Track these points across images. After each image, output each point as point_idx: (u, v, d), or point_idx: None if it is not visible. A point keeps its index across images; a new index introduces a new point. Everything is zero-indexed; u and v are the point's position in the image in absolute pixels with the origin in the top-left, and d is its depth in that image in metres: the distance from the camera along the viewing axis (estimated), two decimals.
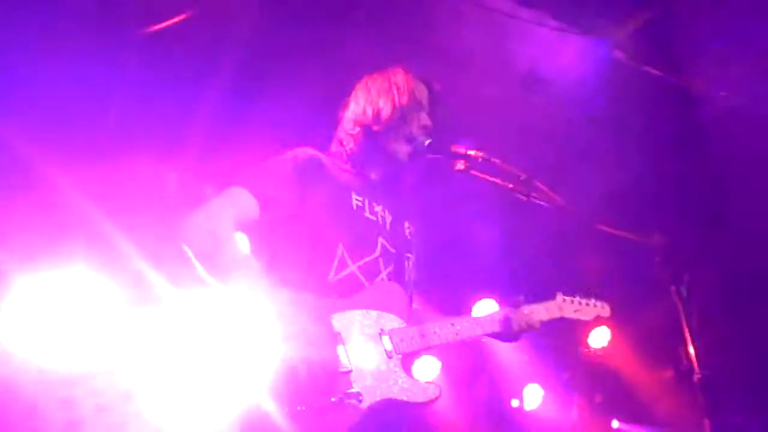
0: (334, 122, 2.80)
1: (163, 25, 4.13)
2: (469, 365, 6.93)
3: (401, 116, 2.63)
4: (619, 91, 4.77)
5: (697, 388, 1.94)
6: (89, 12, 4.00)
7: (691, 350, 1.97)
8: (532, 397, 7.07)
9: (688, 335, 2.00)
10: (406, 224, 2.69)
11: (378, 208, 2.58)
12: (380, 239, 2.50)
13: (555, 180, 2.43)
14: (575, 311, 3.02)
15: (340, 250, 2.37)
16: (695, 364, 1.96)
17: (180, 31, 4.13)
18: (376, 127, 2.60)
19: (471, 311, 6.59)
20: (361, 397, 2.13)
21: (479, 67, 4.62)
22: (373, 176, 2.67)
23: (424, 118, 2.70)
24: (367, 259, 2.42)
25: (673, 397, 6.91)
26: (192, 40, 4.22)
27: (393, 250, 2.53)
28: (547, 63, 4.62)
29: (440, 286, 6.21)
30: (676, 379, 6.96)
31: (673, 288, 2.07)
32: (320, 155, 2.57)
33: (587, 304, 3.07)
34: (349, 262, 2.37)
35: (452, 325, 2.56)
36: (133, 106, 4.39)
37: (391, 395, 2.22)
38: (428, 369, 6.51)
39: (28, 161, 4.38)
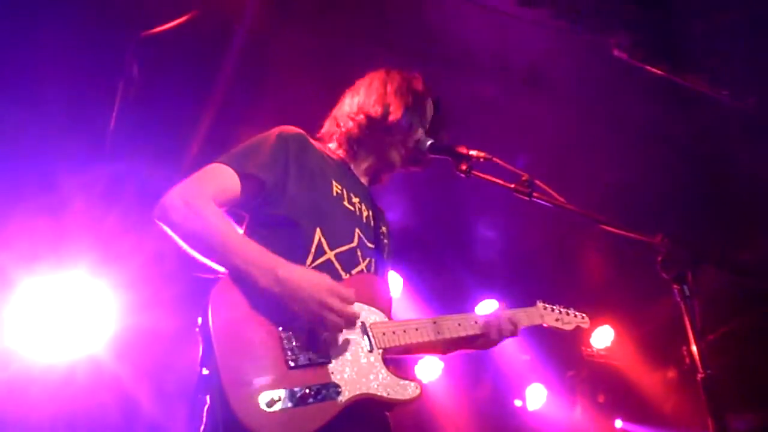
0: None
1: (165, 27, 4.14)
2: (472, 365, 6.93)
3: (407, 125, 2.60)
4: (621, 90, 4.77)
5: (700, 388, 1.93)
6: (90, 14, 4.01)
7: (694, 350, 1.96)
8: (536, 396, 7.07)
9: (691, 335, 1.99)
10: (382, 227, 2.66)
11: (356, 200, 2.53)
12: (357, 230, 2.45)
13: (557, 180, 2.43)
14: (556, 320, 2.96)
15: (318, 235, 2.31)
16: (698, 364, 1.94)
17: (181, 33, 4.14)
18: (381, 124, 2.58)
19: (474, 311, 6.59)
20: (339, 389, 2.07)
21: (481, 66, 4.63)
22: (355, 169, 2.66)
23: (422, 134, 2.68)
24: (345, 248, 2.37)
25: (677, 397, 6.91)
26: (193, 42, 4.23)
27: (370, 245, 2.49)
28: (549, 62, 4.62)
29: (443, 286, 6.21)
30: (679, 378, 6.97)
31: (676, 287, 2.05)
32: (306, 136, 2.53)
33: (567, 314, 3.01)
34: (326, 248, 2.31)
35: (434, 323, 2.49)
36: (133, 108, 4.39)
37: (370, 390, 2.14)
38: (431, 369, 6.52)
39: (30, 163, 4.39)
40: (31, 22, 3.98)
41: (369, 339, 2.25)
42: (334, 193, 2.46)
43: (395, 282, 6.03)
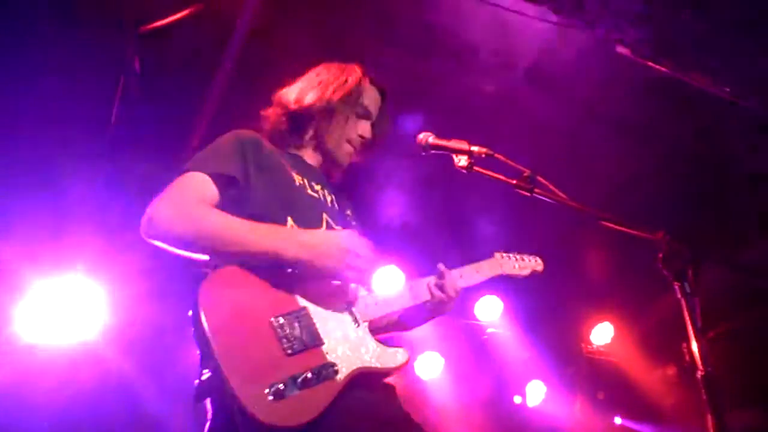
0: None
1: (166, 22, 4.13)
2: (472, 362, 6.94)
3: (337, 112, 2.62)
4: (623, 87, 4.76)
5: (699, 385, 1.93)
6: (92, 9, 4.01)
7: (694, 347, 1.96)
8: (535, 393, 7.08)
9: (691, 332, 1.98)
10: (347, 210, 2.72)
11: (317, 187, 2.60)
12: (324, 215, 2.52)
13: (558, 176, 2.42)
14: (513, 267, 3.05)
15: (290, 223, 2.37)
16: (698, 361, 1.94)
17: (182, 28, 4.14)
18: (302, 113, 2.62)
19: (474, 308, 6.62)
20: (336, 368, 2.14)
21: (483, 63, 4.62)
22: (308, 160, 2.70)
23: (364, 128, 2.70)
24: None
25: (676, 394, 6.91)
26: (194, 37, 4.22)
27: (338, 228, 2.55)
28: (551, 59, 4.61)
29: None
30: (679, 375, 6.97)
31: (676, 285, 2.05)
32: (259, 136, 2.57)
33: (523, 259, 3.11)
34: None
35: (409, 289, 2.59)
36: (135, 102, 4.39)
37: (364, 363, 2.23)
38: (432, 365, 6.53)
39: (32, 157, 4.40)
40: (32, 15, 3.98)
41: (354, 314, 2.32)
42: (297, 183, 2.51)
43: (396, 278, 6.06)
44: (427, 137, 2.63)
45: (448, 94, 4.81)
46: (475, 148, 2.51)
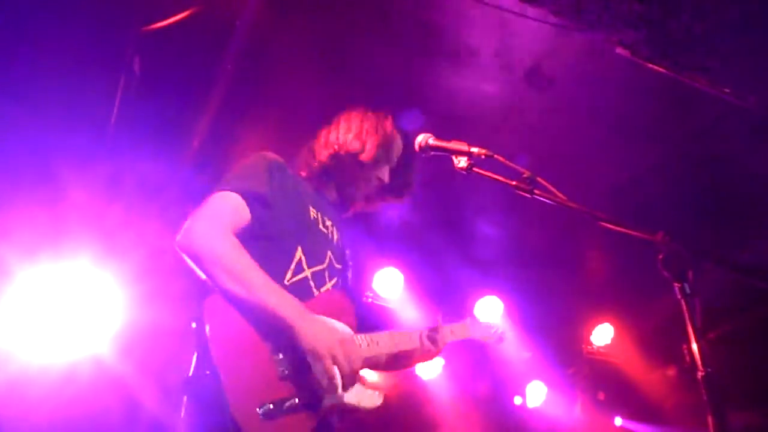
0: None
1: (166, 22, 4.13)
2: (472, 362, 6.93)
3: (375, 162, 2.76)
4: (622, 88, 4.76)
5: (700, 385, 1.93)
6: (92, 8, 4.01)
7: (695, 348, 1.96)
8: (536, 394, 7.08)
9: (691, 333, 1.98)
10: (347, 250, 2.81)
11: (328, 223, 2.69)
12: (329, 252, 2.61)
13: (558, 177, 2.42)
14: (482, 333, 3.37)
15: (299, 253, 2.45)
16: (698, 362, 1.94)
17: (183, 28, 4.14)
18: (354, 159, 2.73)
19: (474, 308, 6.62)
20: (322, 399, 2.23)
21: (483, 64, 4.62)
22: (327, 195, 2.81)
23: (384, 173, 2.83)
24: (318, 268, 2.52)
25: (677, 395, 6.91)
26: (195, 37, 4.22)
27: (338, 266, 2.65)
28: (550, 60, 4.61)
29: (443, 283, 6.22)
30: (679, 376, 6.97)
31: (676, 285, 2.05)
32: (284, 162, 2.65)
33: (491, 328, 3.44)
34: (305, 266, 2.46)
35: (391, 337, 2.71)
36: (135, 102, 4.39)
37: (344, 400, 2.31)
38: (431, 366, 6.53)
39: (31, 157, 4.40)
40: (34, 15, 3.98)
41: None
42: (311, 217, 2.60)
43: (395, 281, 6.09)
44: (426, 138, 2.63)
45: (448, 95, 4.81)
46: (474, 149, 2.51)
